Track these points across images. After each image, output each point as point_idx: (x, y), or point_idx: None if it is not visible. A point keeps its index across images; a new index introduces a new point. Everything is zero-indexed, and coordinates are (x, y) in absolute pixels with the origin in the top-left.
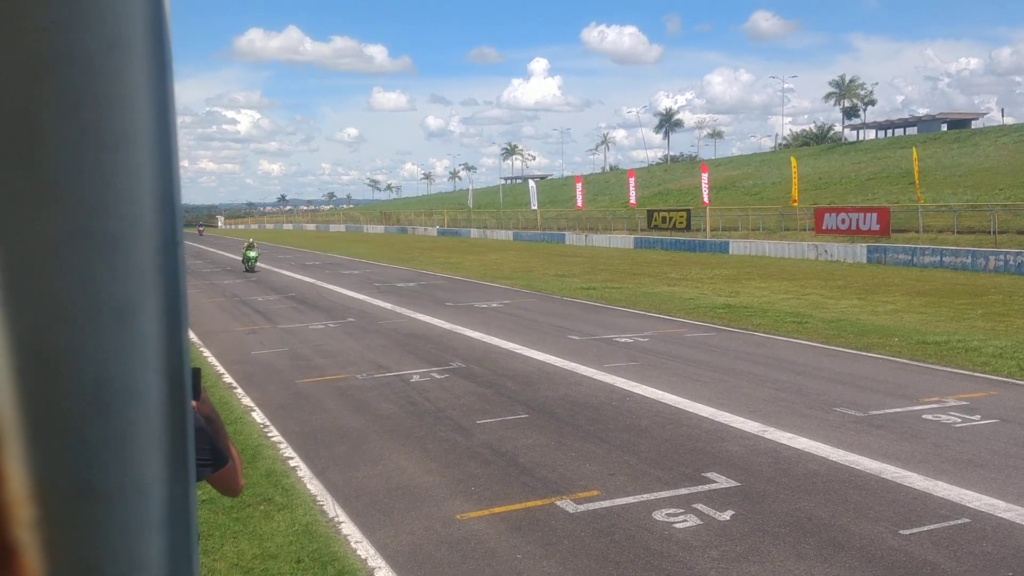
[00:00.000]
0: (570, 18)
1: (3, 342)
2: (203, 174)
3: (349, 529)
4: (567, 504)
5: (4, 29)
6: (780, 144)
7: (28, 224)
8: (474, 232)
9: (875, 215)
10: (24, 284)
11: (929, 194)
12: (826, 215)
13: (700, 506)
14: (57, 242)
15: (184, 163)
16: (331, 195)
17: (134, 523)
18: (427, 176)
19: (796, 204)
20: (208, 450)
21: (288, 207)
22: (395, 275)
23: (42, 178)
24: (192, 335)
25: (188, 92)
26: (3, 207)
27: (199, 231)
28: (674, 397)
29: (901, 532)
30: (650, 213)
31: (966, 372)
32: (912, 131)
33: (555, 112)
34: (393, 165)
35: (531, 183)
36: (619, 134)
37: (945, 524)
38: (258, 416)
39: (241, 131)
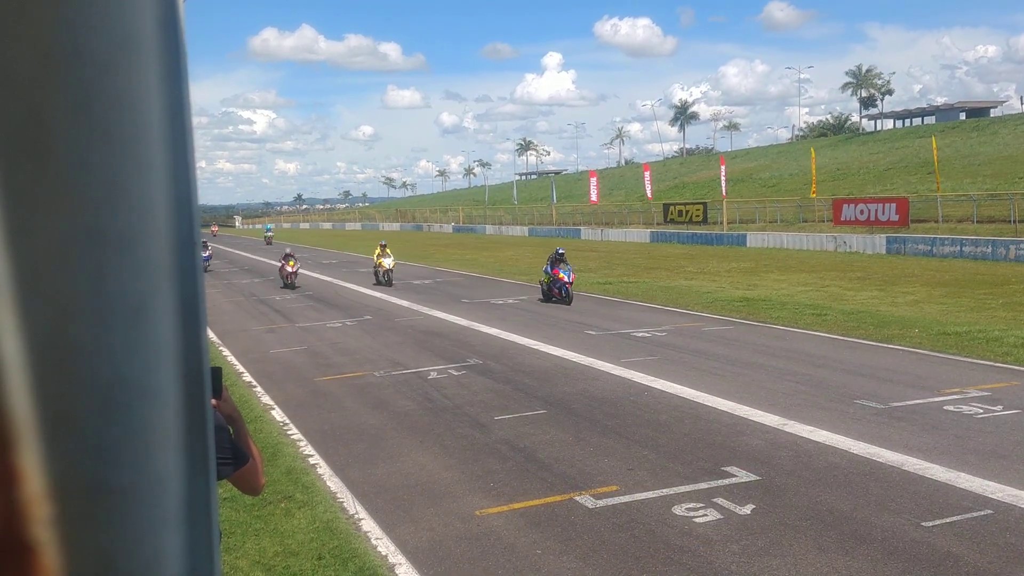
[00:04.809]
0: (583, 12)
1: (17, 341)
2: (220, 174)
3: (369, 526)
4: (586, 499)
5: (13, 26)
6: (797, 135)
7: (40, 222)
8: (489, 228)
9: (894, 205)
10: (37, 282)
11: (948, 183)
12: (844, 206)
13: (720, 500)
14: (69, 240)
15: (201, 164)
16: (347, 193)
17: (151, 520)
18: (442, 173)
19: (815, 195)
20: (229, 449)
21: (304, 206)
22: (411, 272)
23: (53, 176)
24: (211, 334)
25: (204, 93)
26: (14, 206)
27: (212, 232)
28: (693, 391)
29: (923, 524)
30: (666, 207)
31: (987, 362)
32: (930, 120)
33: (569, 107)
34: (408, 163)
35: (552, 179)
36: (634, 128)
37: (968, 516)
38: (278, 414)
39: (257, 131)
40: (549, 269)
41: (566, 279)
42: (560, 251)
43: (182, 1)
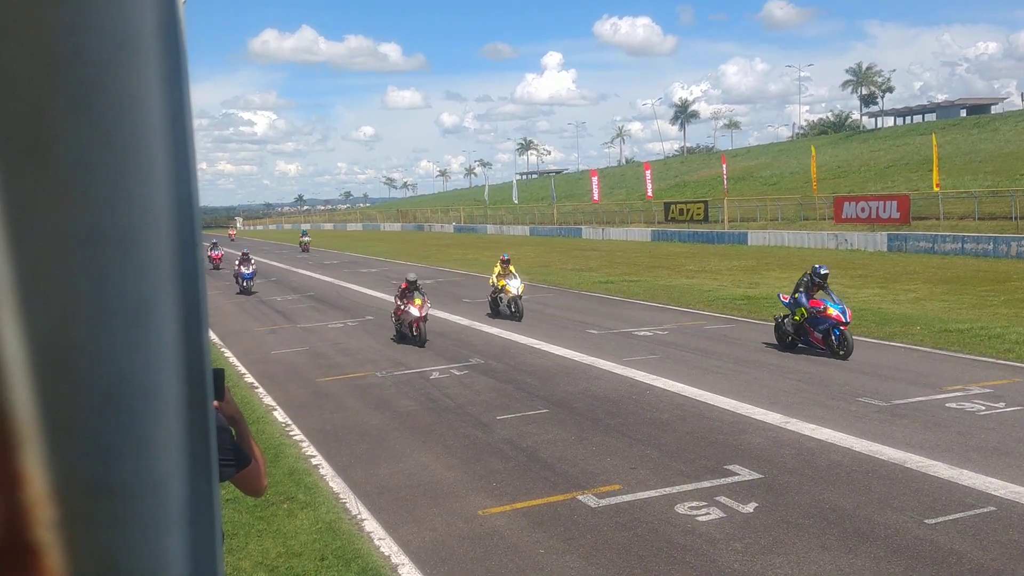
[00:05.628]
0: (583, 11)
1: (19, 342)
2: (221, 176)
3: (372, 526)
4: (589, 498)
5: (13, 26)
6: (798, 133)
7: (40, 223)
8: (491, 228)
9: (895, 203)
10: (38, 283)
11: (949, 180)
12: (845, 204)
13: (723, 499)
14: (70, 241)
15: (202, 165)
16: (348, 194)
17: (153, 522)
18: (443, 173)
19: (816, 193)
20: (231, 450)
21: (305, 207)
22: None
23: (53, 176)
24: (213, 335)
25: (204, 95)
26: (15, 206)
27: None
28: (695, 390)
29: (926, 521)
30: (667, 205)
31: (990, 359)
32: (931, 118)
33: (570, 106)
34: (409, 163)
35: (553, 179)
36: (635, 127)
37: (970, 513)
38: (280, 415)
39: (258, 132)
40: (803, 300)
41: (840, 317)
42: (822, 271)
43: (182, 1)
